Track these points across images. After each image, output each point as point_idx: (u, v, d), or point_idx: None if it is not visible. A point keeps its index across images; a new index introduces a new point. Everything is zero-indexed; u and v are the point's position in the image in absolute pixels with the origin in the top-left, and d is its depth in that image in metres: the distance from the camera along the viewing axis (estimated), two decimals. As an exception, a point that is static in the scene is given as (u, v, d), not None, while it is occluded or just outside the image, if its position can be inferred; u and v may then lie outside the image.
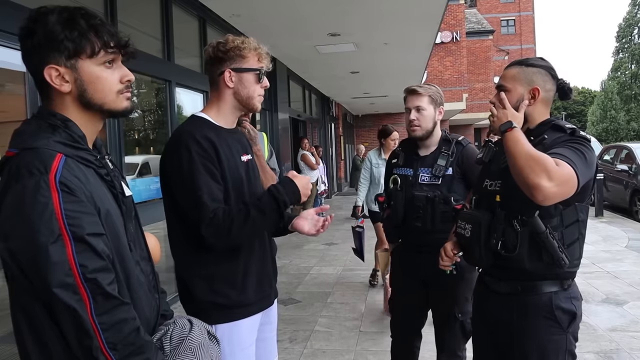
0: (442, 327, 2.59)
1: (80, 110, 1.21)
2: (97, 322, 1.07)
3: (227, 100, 1.82)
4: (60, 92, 1.18)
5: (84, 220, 1.09)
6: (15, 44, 3.02)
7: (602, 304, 4.75)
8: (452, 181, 2.47)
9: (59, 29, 1.14)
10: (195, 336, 1.33)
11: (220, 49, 1.77)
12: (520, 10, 42.51)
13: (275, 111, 8.93)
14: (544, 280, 1.77)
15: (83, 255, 1.07)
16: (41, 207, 1.05)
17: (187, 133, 1.71)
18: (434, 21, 7.01)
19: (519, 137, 1.66)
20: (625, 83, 43.97)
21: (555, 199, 1.59)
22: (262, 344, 1.93)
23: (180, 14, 5.41)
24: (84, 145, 1.19)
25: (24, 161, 1.09)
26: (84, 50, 1.17)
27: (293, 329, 4.34)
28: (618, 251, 6.97)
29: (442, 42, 21.93)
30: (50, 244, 1.04)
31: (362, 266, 6.41)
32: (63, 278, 1.04)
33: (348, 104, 18.58)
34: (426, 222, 2.46)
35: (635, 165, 10.66)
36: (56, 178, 1.07)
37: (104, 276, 1.10)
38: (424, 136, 2.56)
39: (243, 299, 1.76)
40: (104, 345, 1.07)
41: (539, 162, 1.57)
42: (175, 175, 1.69)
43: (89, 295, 1.06)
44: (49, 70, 1.15)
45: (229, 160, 1.74)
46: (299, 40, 7.54)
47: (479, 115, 28.04)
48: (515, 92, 1.84)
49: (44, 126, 1.16)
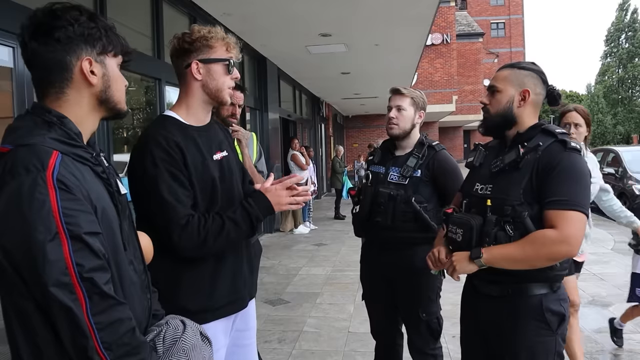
0: (409, 326, 2.64)
1: (92, 106, 1.23)
2: (93, 322, 1.05)
3: (195, 95, 1.74)
4: (82, 85, 1.20)
5: (81, 218, 1.08)
6: (2, 40, 2.98)
7: (589, 306, 4.80)
8: (418, 183, 2.52)
9: (94, 25, 1.19)
10: (188, 337, 1.32)
11: (186, 39, 1.69)
12: (510, 14, 42.85)
13: (266, 111, 8.90)
14: (533, 283, 1.79)
15: (80, 254, 1.05)
16: (38, 204, 1.03)
17: (153, 139, 1.64)
18: (425, 23, 7.03)
19: (496, 255, 1.73)
20: (612, 87, 44.51)
21: (578, 244, 1.67)
22: (241, 351, 1.88)
23: (170, 12, 5.38)
24: (79, 143, 1.18)
25: (19, 157, 1.07)
26: (113, 49, 1.23)
27: (282, 330, 4.33)
28: (604, 254, 7.05)
29: (432, 44, 22.05)
30: (47, 242, 1.02)
31: (351, 267, 6.42)
32: (59, 277, 1.03)
33: (338, 105, 18.59)
34: (386, 219, 2.50)
35: (621, 169, 10.81)
36: (53, 175, 1.06)
37: (101, 275, 1.08)
38: (400, 135, 2.63)
39: (211, 303, 1.70)
40: (99, 345, 1.06)
41: (538, 249, 1.67)
42: (141, 181, 1.64)
43: (85, 295, 1.05)
44: (85, 62, 1.18)
45: (196, 164, 1.67)
46: (290, 40, 7.52)
47: (469, 117, 28.24)
48: (506, 93, 1.86)
49: (39, 122, 1.15)
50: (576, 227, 1.65)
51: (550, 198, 1.68)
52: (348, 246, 7.87)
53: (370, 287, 2.76)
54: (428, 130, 21.15)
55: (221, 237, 1.62)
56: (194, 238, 1.59)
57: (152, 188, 1.61)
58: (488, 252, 1.73)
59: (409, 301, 2.58)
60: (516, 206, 1.72)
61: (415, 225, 2.48)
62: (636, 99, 44.39)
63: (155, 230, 1.61)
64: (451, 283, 2.27)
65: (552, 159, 1.72)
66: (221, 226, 1.62)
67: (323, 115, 16.42)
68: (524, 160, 1.77)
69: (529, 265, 1.71)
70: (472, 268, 1.78)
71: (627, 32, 44.14)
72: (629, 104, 43.72)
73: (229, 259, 1.76)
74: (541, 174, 1.72)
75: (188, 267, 1.68)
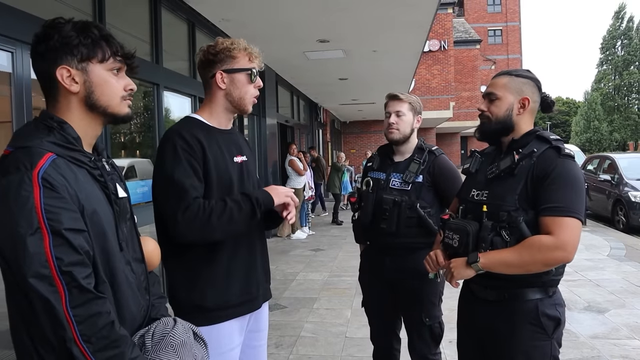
0: (411, 331, 2.63)
1: (83, 112, 1.28)
2: (72, 314, 1.10)
3: (219, 102, 1.84)
4: (67, 92, 1.26)
5: (63, 215, 1.12)
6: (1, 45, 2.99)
7: (584, 312, 4.81)
8: (421, 188, 2.53)
9: (74, 34, 1.24)
10: (177, 333, 1.33)
11: (210, 51, 1.80)
12: (507, 21, 43.05)
13: (264, 116, 8.92)
14: (529, 288, 1.80)
15: (60, 248, 1.10)
16: (23, 200, 1.10)
17: (175, 131, 1.74)
18: (423, 30, 7.06)
19: (493, 260, 1.74)
20: (608, 94, 44.72)
21: (574, 250, 1.69)
22: (252, 352, 1.92)
23: (169, 18, 5.40)
24: (77, 147, 1.24)
25: (14, 159, 1.15)
26: (95, 55, 1.27)
27: (279, 335, 4.33)
28: (600, 260, 7.06)
29: (430, 50, 22.13)
30: (28, 235, 1.08)
31: (348, 272, 6.42)
32: (38, 269, 1.08)
33: (336, 110, 18.62)
34: (391, 225, 2.50)
35: (617, 175, 10.84)
36: (39, 174, 1.12)
37: (80, 270, 1.13)
38: (400, 140, 2.64)
39: (224, 301, 1.75)
40: (78, 338, 1.10)
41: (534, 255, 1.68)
42: (158, 169, 1.72)
43: (64, 288, 1.09)
44: (61, 70, 1.24)
45: (217, 159, 1.75)
46: (288, 46, 7.55)
47: (466, 124, 28.30)
48: (505, 101, 1.88)
49: (41, 127, 1.23)
50: (572, 233, 1.67)
51: (546, 205, 1.70)
52: (345, 252, 7.88)
53: (371, 292, 2.75)
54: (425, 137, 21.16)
55: (225, 215, 1.66)
56: (198, 216, 1.63)
57: (168, 173, 1.67)
58: (485, 257, 1.74)
59: (412, 306, 2.58)
60: (512, 212, 1.74)
61: (418, 230, 2.49)
62: (632, 106, 44.61)
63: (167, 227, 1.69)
64: (447, 288, 2.28)
65: (547, 165, 1.74)
66: (224, 205, 1.67)
67: (321, 120, 16.44)
68: (519, 167, 1.79)
69: (525, 270, 1.72)
70: (469, 273, 1.80)
71: (623, 39, 44.40)
72: (625, 111, 43.92)
73: (242, 256, 1.81)
74: (536, 180, 1.74)
75: (205, 263, 1.73)
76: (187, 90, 5.64)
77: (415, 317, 2.57)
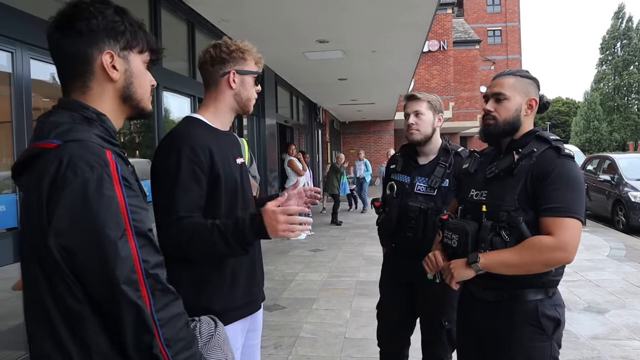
0: (428, 335, 2.57)
1: (116, 103, 1.19)
2: (157, 319, 1.03)
3: (226, 102, 1.82)
4: (105, 80, 1.16)
5: (143, 215, 1.06)
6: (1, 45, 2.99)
7: (584, 312, 4.81)
8: (447, 193, 2.45)
9: (119, 19, 1.16)
10: (220, 332, 1.39)
11: (223, 49, 1.78)
12: (506, 21, 43.07)
13: (263, 117, 8.93)
14: (529, 288, 1.80)
15: (145, 250, 1.04)
16: (107, 200, 1.01)
17: (181, 138, 1.68)
18: (422, 30, 7.07)
19: (493, 261, 1.74)
20: (608, 94, 44.77)
21: (575, 250, 1.69)
22: (247, 351, 1.93)
23: (168, 18, 5.39)
24: (116, 141, 1.16)
25: (76, 153, 1.02)
26: (137, 45, 1.20)
27: (278, 335, 4.32)
28: (600, 260, 7.06)
29: (429, 50, 22.14)
30: (118, 239, 1.00)
31: (347, 273, 6.42)
32: (129, 274, 1.00)
33: (335, 111, 18.62)
34: (418, 233, 2.45)
35: (617, 176, 10.85)
36: (118, 171, 1.04)
37: (162, 271, 1.08)
38: (422, 141, 2.55)
39: (230, 303, 1.75)
40: (161, 342, 1.04)
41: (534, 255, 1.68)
42: (159, 176, 1.68)
43: (148, 291, 1.03)
44: (106, 56, 1.14)
45: (224, 162, 1.73)
46: (288, 46, 7.55)
47: (465, 124, 28.29)
48: (514, 101, 1.86)
49: (77, 118, 1.11)
50: (572, 233, 1.67)
51: (546, 205, 1.70)
52: (345, 252, 7.87)
53: (390, 295, 2.70)
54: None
55: (207, 245, 1.60)
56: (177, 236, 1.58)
57: (167, 184, 1.63)
58: (485, 257, 1.74)
59: (432, 310, 2.52)
60: (511, 212, 1.74)
61: None
62: (632, 106, 44.66)
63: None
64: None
65: (547, 165, 1.74)
66: (209, 235, 1.59)
67: (320, 121, 16.45)
68: (518, 166, 1.79)
69: (525, 270, 1.72)
70: (469, 274, 1.79)
71: (622, 40, 44.48)
72: (624, 111, 43.99)
73: (245, 260, 1.80)
74: (536, 181, 1.74)
75: (209, 267, 1.72)
76: (186, 90, 5.64)
77: (435, 321, 2.51)
